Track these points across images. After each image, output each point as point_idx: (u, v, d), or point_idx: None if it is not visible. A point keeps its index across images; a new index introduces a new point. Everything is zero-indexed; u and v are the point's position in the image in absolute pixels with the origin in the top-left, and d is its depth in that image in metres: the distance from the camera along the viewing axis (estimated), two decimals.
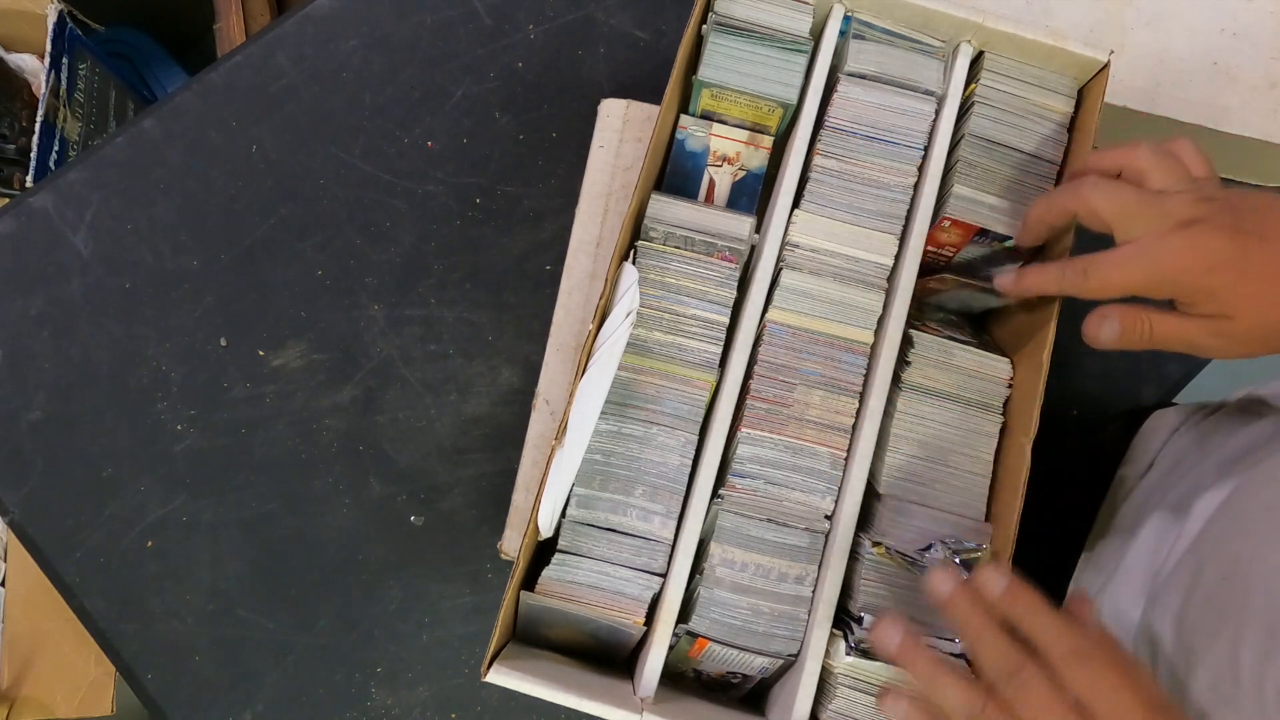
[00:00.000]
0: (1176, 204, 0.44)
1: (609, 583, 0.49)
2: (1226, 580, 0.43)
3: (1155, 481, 0.57)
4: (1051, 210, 0.49)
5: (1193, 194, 0.44)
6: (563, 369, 0.66)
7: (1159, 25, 0.68)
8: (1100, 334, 0.47)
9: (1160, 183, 0.46)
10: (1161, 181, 0.46)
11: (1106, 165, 0.48)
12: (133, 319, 0.70)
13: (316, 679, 0.66)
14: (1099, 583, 0.56)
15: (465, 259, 0.71)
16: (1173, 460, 0.57)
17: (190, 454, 0.68)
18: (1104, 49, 0.52)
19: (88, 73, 1.07)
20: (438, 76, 0.73)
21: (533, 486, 0.65)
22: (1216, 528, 0.47)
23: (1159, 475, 0.57)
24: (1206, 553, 0.46)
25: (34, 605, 0.89)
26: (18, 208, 0.70)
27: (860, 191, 0.53)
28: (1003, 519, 0.50)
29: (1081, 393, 0.71)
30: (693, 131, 0.57)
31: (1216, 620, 0.42)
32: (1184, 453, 0.56)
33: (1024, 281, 0.50)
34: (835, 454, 0.51)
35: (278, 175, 0.72)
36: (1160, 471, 0.57)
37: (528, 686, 0.45)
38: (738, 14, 0.54)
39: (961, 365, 0.53)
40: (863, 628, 0.48)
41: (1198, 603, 0.44)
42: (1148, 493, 0.56)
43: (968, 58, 0.55)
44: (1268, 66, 0.68)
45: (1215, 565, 0.44)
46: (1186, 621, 0.45)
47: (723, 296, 0.52)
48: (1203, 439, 0.56)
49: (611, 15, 0.74)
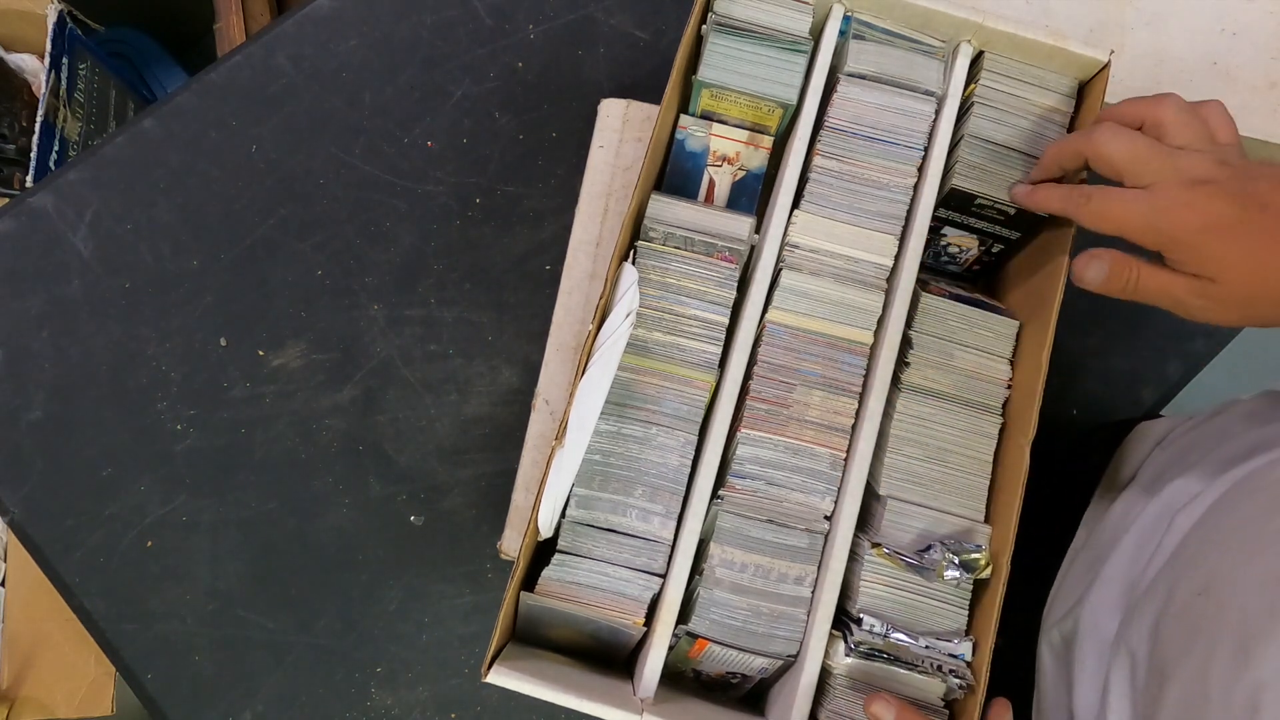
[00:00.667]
0: (1190, 162, 0.44)
1: (609, 583, 0.49)
2: (1202, 595, 0.42)
3: (1137, 493, 0.56)
4: (1064, 152, 0.49)
5: (1210, 155, 0.44)
6: (562, 369, 0.66)
7: (1159, 25, 0.68)
8: (1086, 273, 0.47)
9: (1179, 139, 0.45)
10: (1181, 138, 0.45)
11: (1129, 115, 0.47)
12: (133, 319, 0.70)
13: (316, 679, 0.67)
14: (1078, 592, 0.55)
15: (465, 259, 0.71)
16: (1155, 473, 0.56)
17: (190, 454, 0.68)
18: (1104, 49, 0.52)
19: (88, 73, 1.07)
20: (437, 76, 0.73)
21: (532, 486, 0.65)
22: (1193, 542, 0.46)
23: (1140, 487, 0.56)
24: (1183, 567, 0.46)
25: (34, 605, 0.89)
26: (18, 208, 0.70)
27: (860, 192, 0.53)
28: (1001, 520, 0.50)
29: (1081, 393, 0.71)
30: (693, 131, 0.57)
31: (1190, 635, 0.42)
32: (1166, 465, 0.56)
33: (1035, 194, 0.51)
34: (835, 455, 0.51)
35: (278, 175, 0.72)
36: (1142, 484, 0.56)
37: (528, 687, 0.45)
38: (737, 14, 0.54)
39: (961, 366, 0.53)
40: (862, 627, 0.48)
41: (1173, 617, 0.44)
42: (1129, 504, 0.56)
43: (967, 58, 0.54)
44: (1267, 66, 0.68)
45: (1191, 580, 0.44)
46: (1161, 636, 0.44)
47: (722, 297, 0.52)
48: (1185, 452, 0.56)
49: (611, 15, 0.74)
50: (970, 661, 0.49)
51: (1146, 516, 0.53)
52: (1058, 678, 0.55)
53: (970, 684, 0.48)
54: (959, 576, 0.49)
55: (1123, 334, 0.72)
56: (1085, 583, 0.55)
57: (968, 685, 0.48)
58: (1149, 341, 0.72)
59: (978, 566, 0.49)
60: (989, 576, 0.49)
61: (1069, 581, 0.58)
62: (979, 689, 0.47)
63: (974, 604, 0.50)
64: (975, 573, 0.49)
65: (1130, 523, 0.54)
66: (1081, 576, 0.56)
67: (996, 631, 0.48)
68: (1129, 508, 0.56)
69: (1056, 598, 0.59)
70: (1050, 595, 0.59)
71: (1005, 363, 0.53)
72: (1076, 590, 0.56)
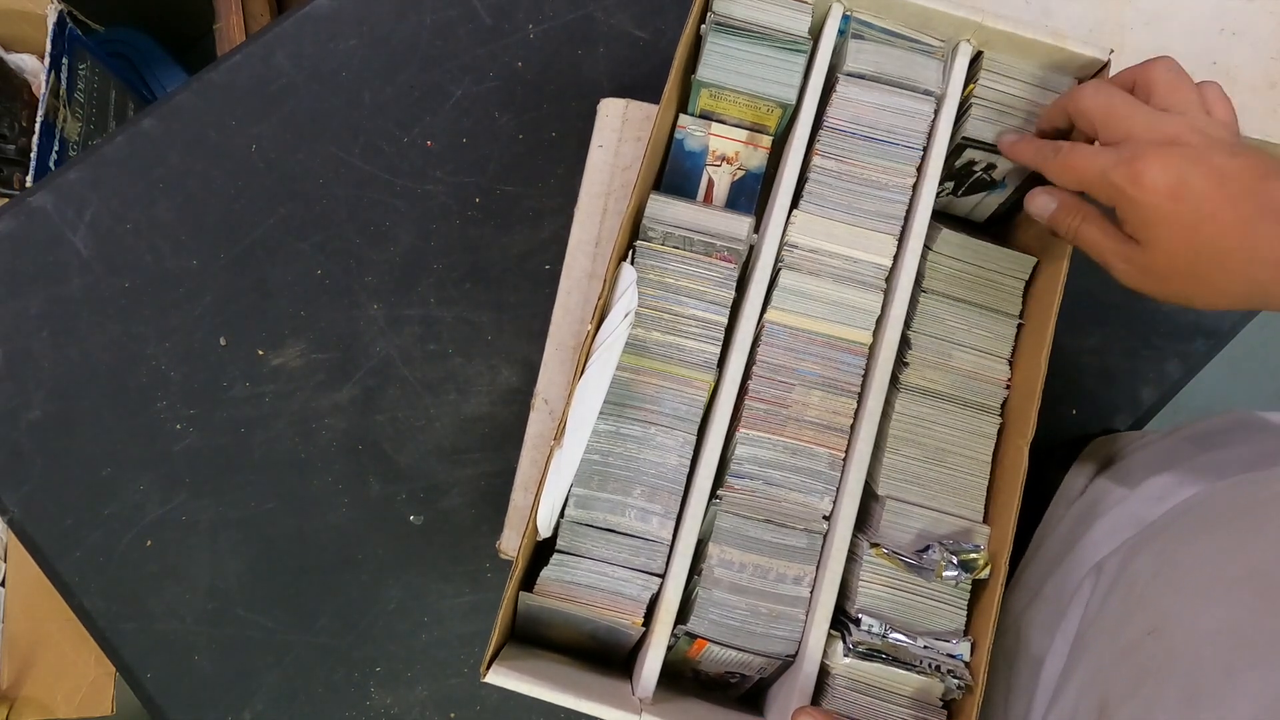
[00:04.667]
0: (1165, 121, 0.43)
1: (607, 583, 0.49)
2: (1152, 635, 0.41)
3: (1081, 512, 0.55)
4: (1053, 111, 0.51)
5: (1187, 120, 0.43)
6: (562, 368, 0.66)
7: (1159, 25, 0.68)
8: (1034, 204, 0.49)
9: (1164, 101, 0.44)
10: (1166, 100, 0.44)
11: (1123, 77, 0.47)
12: (133, 319, 0.70)
13: (316, 678, 0.67)
14: (1023, 603, 0.55)
15: (465, 258, 0.71)
16: (1100, 492, 0.56)
17: (190, 453, 0.68)
18: (1104, 48, 0.52)
19: (88, 73, 1.07)
20: (437, 76, 0.73)
21: (531, 486, 0.65)
22: (1143, 575, 0.45)
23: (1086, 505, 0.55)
24: (1134, 603, 0.44)
25: (34, 605, 0.89)
26: (18, 208, 0.70)
27: (859, 192, 0.53)
28: (1000, 520, 0.50)
29: (1080, 393, 0.71)
30: (692, 131, 0.57)
31: (1138, 676, 0.41)
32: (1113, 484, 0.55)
33: (1015, 145, 0.52)
34: (833, 455, 0.51)
35: (278, 175, 0.72)
36: (1088, 502, 0.56)
37: (527, 687, 0.45)
38: (736, 14, 0.54)
39: (959, 366, 0.53)
40: (861, 627, 0.48)
41: (1119, 651, 0.43)
42: (1074, 522, 0.55)
43: (967, 57, 0.54)
44: (1267, 66, 0.68)
45: (1142, 618, 0.43)
46: (1104, 668, 0.43)
47: (721, 297, 0.52)
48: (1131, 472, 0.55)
49: (611, 15, 0.74)
50: (968, 661, 0.49)
51: (1091, 538, 0.52)
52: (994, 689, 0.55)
53: (969, 684, 0.48)
54: (957, 576, 0.49)
55: (1123, 334, 0.72)
56: (1026, 599, 0.55)
57: (966, 685, 0.48)
58: (1149, 341, 0.72)
59: (976, 566, 0.49)
60: (987, 576, 0.49)
61: (1013, 596, 0.58)
62: (977, 689, 0.47)
63: (972, 604, 0.50)
64: (974, 573, 0.49)
65: (1074, 541, 0.53)
66: (1024, 593, 0.56)
67: (995, 631, 0.48)
68: (1075, 526, 0.55)
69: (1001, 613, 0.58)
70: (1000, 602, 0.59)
71: (1004, 363, 0.53)
72: (1022, 599, 0.55)
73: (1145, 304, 0.46)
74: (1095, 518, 0.53)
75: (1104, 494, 0.55)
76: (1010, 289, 0.54)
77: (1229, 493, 0.45)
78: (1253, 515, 0.42)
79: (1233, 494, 0.45)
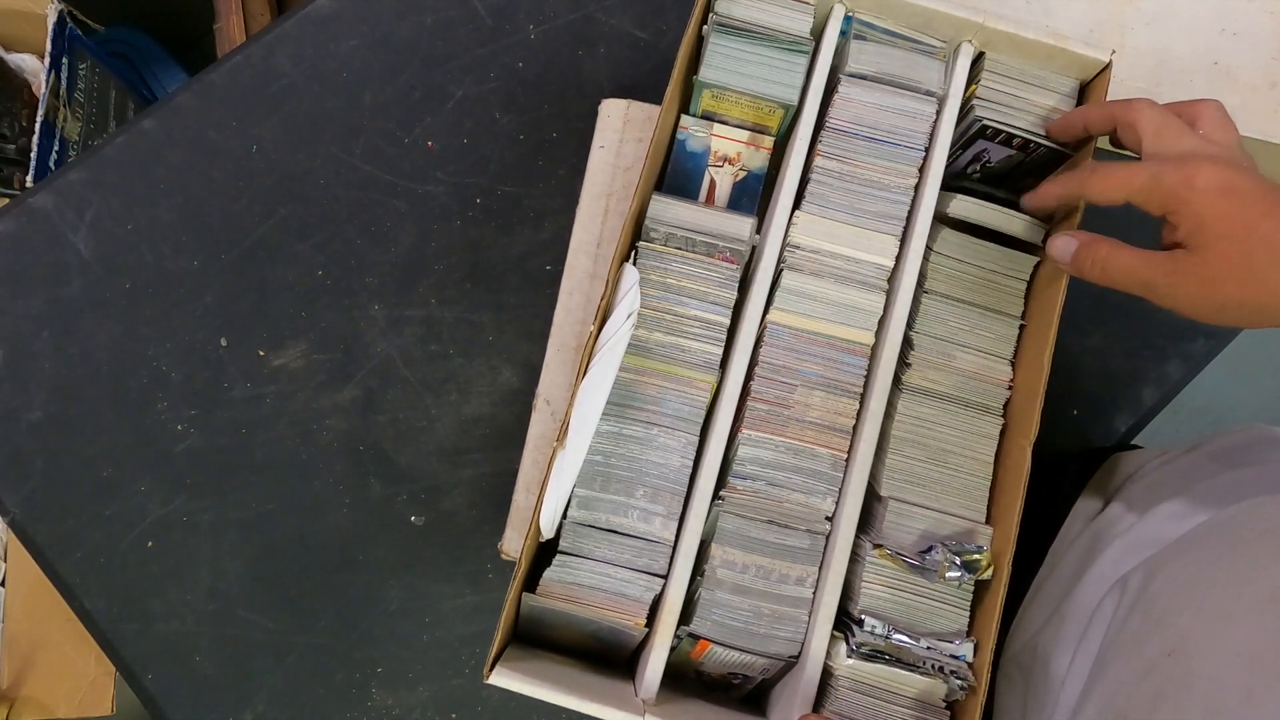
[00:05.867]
0: (1213, 146, 0.44)
1: (610, 584, 0.49)
2: (1171, 657, 0.41)
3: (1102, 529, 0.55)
4: (1096, 113, 0.50)
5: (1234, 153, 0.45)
6: (563, 369, 0.66)
7: (1159, 25, 0.68)
8: (1054, 248, 0.48)
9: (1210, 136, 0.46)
10: (1211, 136, 0.46)
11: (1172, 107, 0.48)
12: (133, 319, 0.70)
13: (316, 679, 0.66)
14: (1039, 621, 0.55)
15: (465, 259, 0.71)
16: (1122, 510, 0.55)
17: (190, 454, 0.68)
18: (1105, 49, 0.52)
19: (88, 73, 1.07)
20: (438, 76, 0.73)
21: (533, 487, 0.65)
22: (1165, 596, 0.45)
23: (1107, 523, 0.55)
24: (1153, 623, 0.44)
25: (34, 605, 0.89)
26: (18, 208, 0.70)
27: (861, 193, 0.53)
28: (1003, 521, 0.50)
29: (1081, 393, 0.71)
30: (693, 132, 0.57)
31: (1155, 696, 0.41)
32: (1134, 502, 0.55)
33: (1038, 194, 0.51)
34: (836, 455, 0.51)
35: (278, 175, 0.72)
36: (1108, 519, 0.55)
37: (529, 689, 0.45)
38: (738, 14, 0.54)
39: (962, 367, 0.53)
40: (864, 628, 0.48)
41: (1138, 672, 0.43)
42: (1094, 540, 0.55)
43: (968, 58, 0.54)
44: (1267, 66, 0.68)
45: (1161, 638, 0.43)
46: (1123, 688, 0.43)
47: (723, 297, 0.52)
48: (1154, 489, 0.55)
49: (612, 15, 0.74)
50: (972, 662, 0.49)
51: (1110, 555, 0.52)
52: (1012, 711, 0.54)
53: (972, 685, 0.48)
54: (960, 577, 0.49)
55: (1123, 334, 0.72)
56: (1043, 617, 0.54)
57: (969, 686, 0.48)
58: (1149, 341, 0.72)
59: (979, 567, 0.49)
60: (990, 577, 0.49)
61: (1030, 614, 0.57)
62: (980, 690, 0.47)
63: (975, 605, 0.50)
64: (977, 573, 0.49)
65: (1093, 559, 0.53)
66: (1041, 610, 0.56)
67: (998, 632, 0.48)
68: (1094, 544, 0.55)
69: (1017, 630, 0.58)
70: (1011, 627, 0.59)
71: (1006, 364, 0.53)
72: (1036, 624, 0.55)
73: (1146, 304, 0.45)
74: (1115, 536, 0.53)
75: (1123, 512, 0.55)
76: (1012, 290, 0.54)
77: (1251, 513, 0.45)
78: (1274, 537, 0.42)
79: (1254, 515, 0.45)
